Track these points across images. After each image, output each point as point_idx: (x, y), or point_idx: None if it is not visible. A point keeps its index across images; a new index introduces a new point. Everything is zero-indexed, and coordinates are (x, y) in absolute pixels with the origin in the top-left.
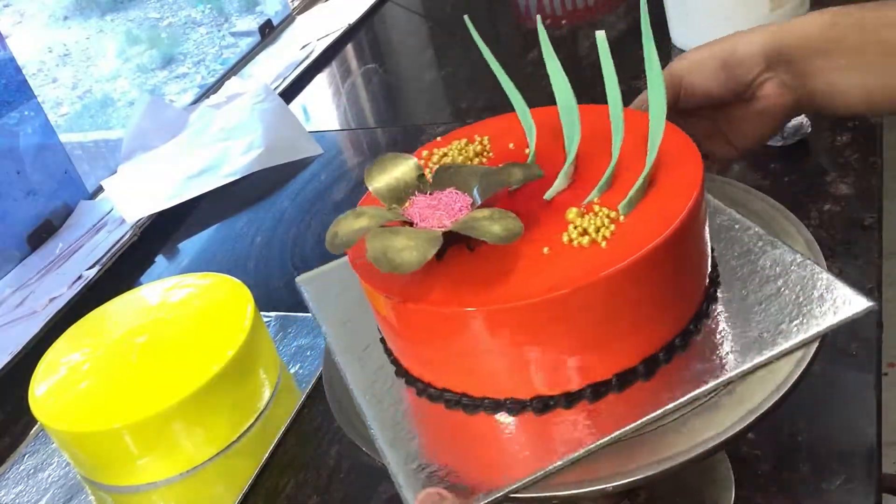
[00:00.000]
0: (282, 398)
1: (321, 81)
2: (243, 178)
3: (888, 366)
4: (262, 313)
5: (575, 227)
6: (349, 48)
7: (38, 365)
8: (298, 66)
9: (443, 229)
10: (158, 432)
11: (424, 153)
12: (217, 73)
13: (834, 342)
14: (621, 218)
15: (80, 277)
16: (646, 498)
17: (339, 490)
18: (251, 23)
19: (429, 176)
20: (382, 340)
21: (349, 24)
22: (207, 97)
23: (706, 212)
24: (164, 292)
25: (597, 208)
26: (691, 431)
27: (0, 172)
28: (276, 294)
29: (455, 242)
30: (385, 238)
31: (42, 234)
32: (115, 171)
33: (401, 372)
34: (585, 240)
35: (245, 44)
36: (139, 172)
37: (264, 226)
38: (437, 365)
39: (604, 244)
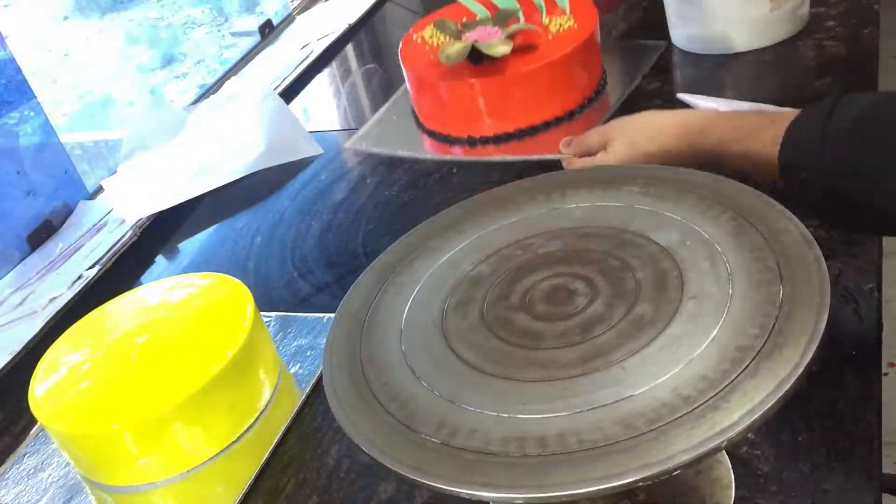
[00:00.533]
0: (282, 398)
1: (321, 81)
2: (243, 178)
3: (888, 366)
4: (262, 313)
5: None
6: (349, 48)
7: (38, 365)
8: (298, 66)
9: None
10: (158, 433)
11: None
12: (217, 73)
13: (834, 342)
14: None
15: (80, 277)
16: (645, 498)
17: (339, 490)
18: (251, 23)
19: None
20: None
21: (349, 24)
22: (207, 97)
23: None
24: (164, 292)
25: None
26: (690, 432)
27: (0, 172)
28: (275, 294)
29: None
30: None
31: (42, 234)
32: (115, 171)
33: None
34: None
35: (245, 44)
36: (139, 172)
37: (264, 226)
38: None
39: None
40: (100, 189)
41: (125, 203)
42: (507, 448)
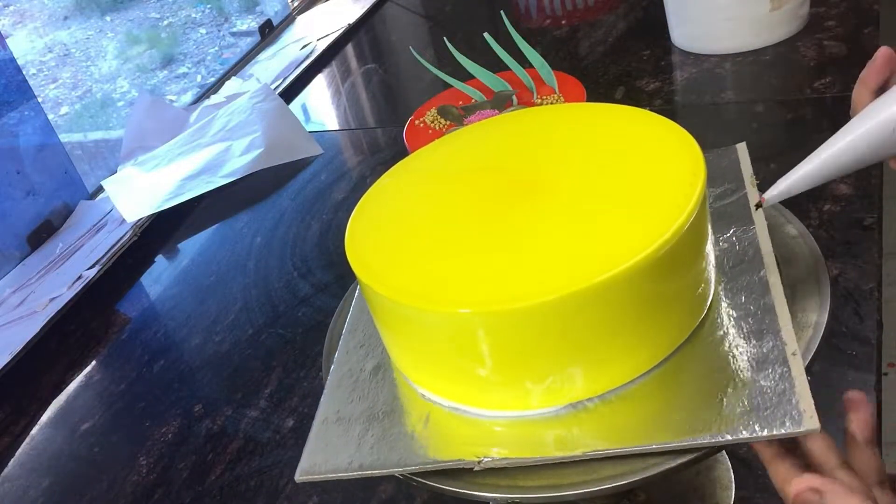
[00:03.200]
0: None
1: (321, 81)
2: (243, 178)
3: (888, 366)
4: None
5: None
6: (349, 48)
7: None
8: (298, 66)
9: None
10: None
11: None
12: (217, 73)
13: (834, 342)
14: None
15: (80, 277)
16: (645, 498)
17: (338, 490)
18: (251, 23)
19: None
20: None
21: (349, 24)
22: (207, 97)
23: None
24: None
25: None
26: None
27: (0, 172)
28: (275, 294)
29: None
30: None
31: (42, 234)
32: (115, 171)
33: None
34: None
35: (245, 44)
36: (139, 172)
37: (264, 226)
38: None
39: None
40: (100, 189)
41: (125, 203)
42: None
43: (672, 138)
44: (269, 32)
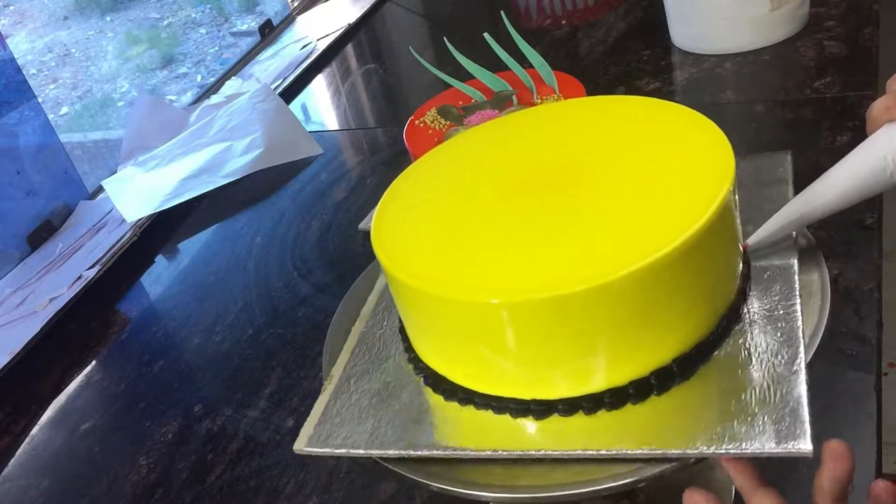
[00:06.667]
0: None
1: (321, 81)
2: (243, 178)
3: (888, 366)
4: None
5: None
6: (349, 48)
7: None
8: (298, 66)
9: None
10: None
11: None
12: (217, 73)
13: (834, 342)
14: None
15: (80, 277)
16: (645, 498)
17: (339, 490)
18: (251, 23)
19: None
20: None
21: (349, 24)
22: (207, 97)
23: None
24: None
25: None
26: None
27: (0, 172)
28: (275, 294)
29: None
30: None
31: (42, 234)
32: (115, 171)
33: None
34: None
35: (245, 44)
36: (139, 172)
37: (264, 226)
38: None
39: None
40: (100, 189)
41: (125, 203)
42: None
43: (701, 132)
44: (269, 32)
